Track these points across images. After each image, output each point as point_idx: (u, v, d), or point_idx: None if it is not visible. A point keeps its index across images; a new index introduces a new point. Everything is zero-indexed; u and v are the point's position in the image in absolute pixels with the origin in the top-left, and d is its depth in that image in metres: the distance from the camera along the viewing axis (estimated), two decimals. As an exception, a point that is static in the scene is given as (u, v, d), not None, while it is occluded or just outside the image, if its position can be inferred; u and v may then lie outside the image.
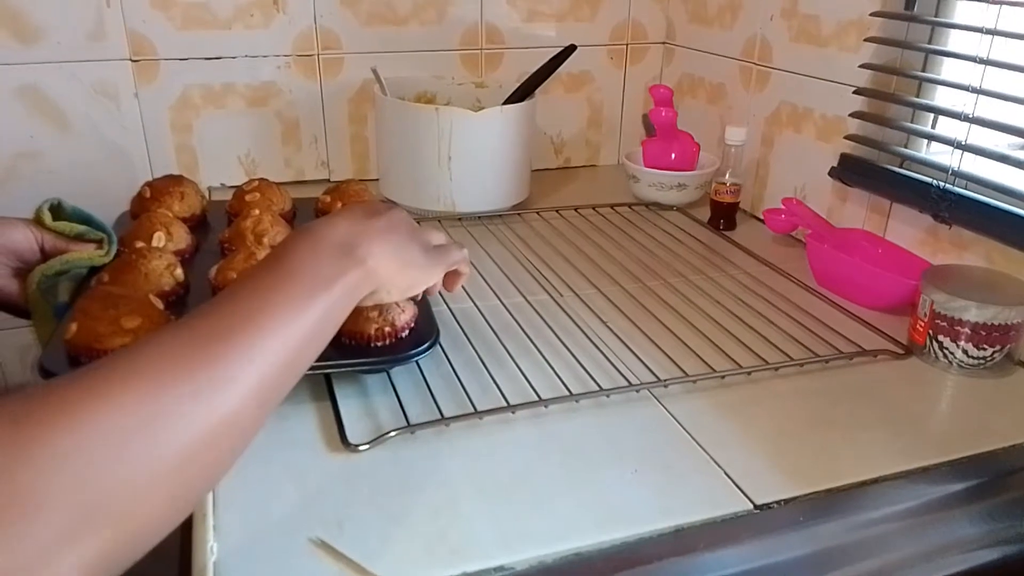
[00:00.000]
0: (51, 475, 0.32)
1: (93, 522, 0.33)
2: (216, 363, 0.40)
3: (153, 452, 0.36)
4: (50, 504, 0.32)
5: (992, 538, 0.61)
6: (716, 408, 0.71)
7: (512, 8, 1.29)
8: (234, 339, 0.41)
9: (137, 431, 0.36)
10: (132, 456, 0.35)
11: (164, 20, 1.12)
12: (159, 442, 0.36)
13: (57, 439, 0.33)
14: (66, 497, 0.32)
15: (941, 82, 0.91)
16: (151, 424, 0.36)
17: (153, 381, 0.37)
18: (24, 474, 0.31)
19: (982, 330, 0.76)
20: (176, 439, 0.37)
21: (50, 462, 0.32)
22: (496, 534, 0.56)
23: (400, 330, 0.72)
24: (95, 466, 0.34)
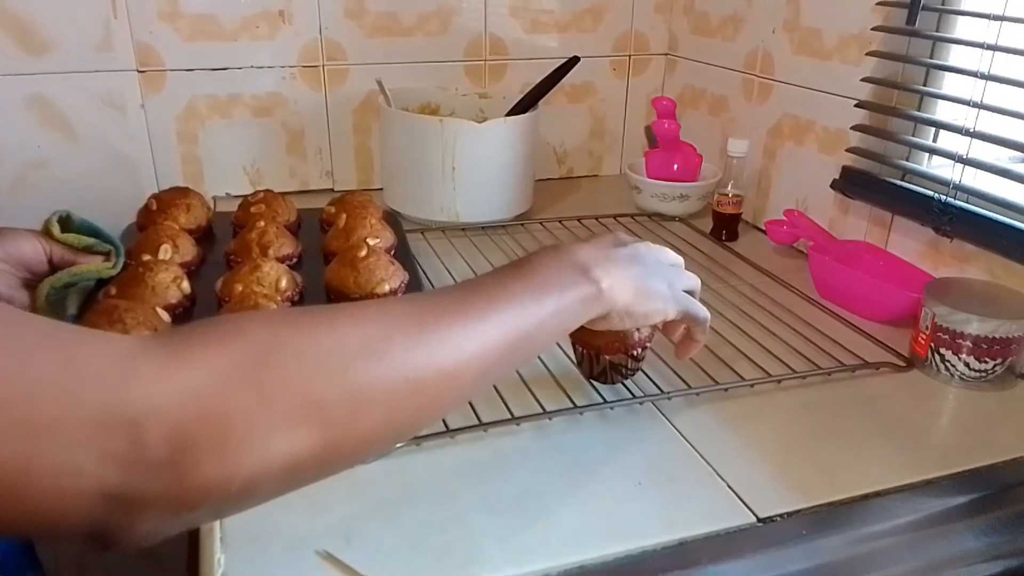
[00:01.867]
0: (289, 370, 0.37)
1: (311, 419, 0.38)
2: (445, 325, 0.44)
3: (374, 375, 0.40)
4: (281, 392, 0.37)
5: (994, 552, 0.62)
6: (719, 420, 0.72)
7: (516, 19, 1.30)
8: (467, 311, 0.46)
9: (366, 356, 0.40)
10: (356, 374, 0.40)
11: (171, 31, 1.13)
12: (381, 369, 0.41)
13: (301, 344, 0.39)
14: (295, 390, 0.37)
15: (942, 96, 0.92)
16: (379, 352, 0.41)
17: (392, 323, 0.43)
18: (270, 365, 0.37)
19: (984, 343, 0.76)
20: (395, 372, 0.41)
21: (291, 360, 0.37)
22: (501, 547, 0.57)
23: (632, 347, 0.72)
24: (325, 373, 0.38)
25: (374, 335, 0.42)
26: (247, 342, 0.37)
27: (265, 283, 0.77)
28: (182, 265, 0.85)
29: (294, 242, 0.92)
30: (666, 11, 1.38)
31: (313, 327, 0.40)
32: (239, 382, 0.36)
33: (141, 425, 0.33)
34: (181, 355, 0.35)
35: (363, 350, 0.41)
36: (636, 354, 0.73)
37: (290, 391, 0.37)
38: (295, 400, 0.37)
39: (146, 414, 0.33)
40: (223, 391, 0.35)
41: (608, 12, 1.35)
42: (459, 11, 1.26)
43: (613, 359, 0.73)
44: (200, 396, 0.34)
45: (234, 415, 0.35)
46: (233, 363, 0.36)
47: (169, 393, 0.33)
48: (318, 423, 0.38)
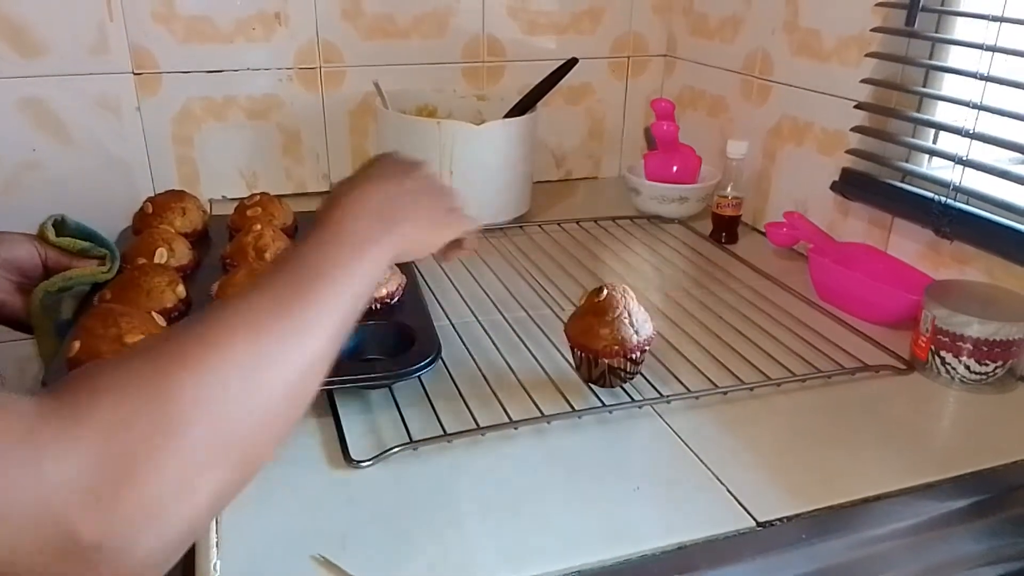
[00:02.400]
0: (192, 409, 0.37)
1: (226, 451, 0.38)
2: (302, 312, 0.45)
3: (266, 389, 0.41)
4: (193, 434, 0.36)
5: (994, 555, 0.61)
6: (718, 424, 0.71)
7: (514, 21, 1.29)
8: (312, 293, 0.46)
9: (253, 370, 0.40)
10: (253, 391, 0.40)
11: (166, 33, 1.13)
12: (270, 380, 0.41)
13: (196, 377, 0.38)
14: (205, 428, 0.37)
15: (942, 98, 0.91)
16: (263, 364, 0.41)
17: (257, 328, 0.42)
18: (171, 407, 0.36)
19: (984, 346, 0.76)
20: (281, 376, 0.42)
21: (191, 397, 0.37)
22: (499, 551, 0.56)
23: (631, 350, 0.71)
24: (227, 401, 0.38)
25: (254, 345, 0.42)
26: (128, 391, 0.36)
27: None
28: (178, 269, 0.85)
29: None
30: (665, 12, 1.38)
31: (189, 351, 0.39)
32: (137, 437, 0.35)
33: (60, 512, 0.32)
34: (71, 423, 0.34)
35: (251, 365, 0.41)
36: (635, 358, 0.73)
37: (203, 429, 0.37)
38: (210, 437, 0.37)
39: (59, 498, 0.32)
40: (122, 451, 0.34)
41: (607, 13, 1.34)
42: (456, 12, 1.26)
43: (612, 363, 0.72)
44: (100, 461, 0.33)
45: (140, 473, 0.34)
46: (122, 418, 0.35)
47: (72, 466, 0.32)
48: (233, 452, 0.39)
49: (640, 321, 0.73)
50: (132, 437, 0.34)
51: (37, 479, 0.32)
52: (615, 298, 0.73)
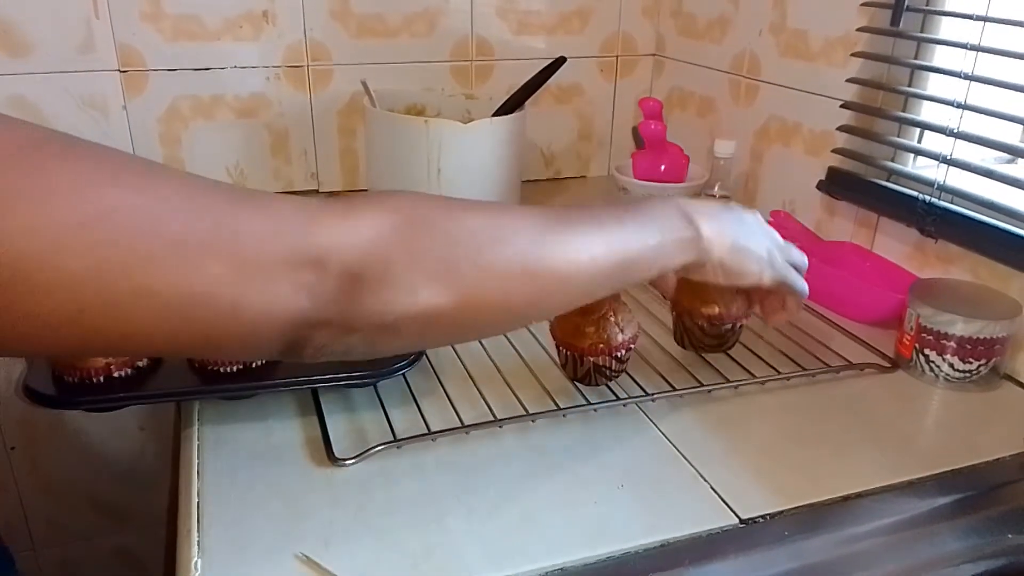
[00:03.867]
0: (432, 239, 0.45)
1: (446, 281, 0.45)
2: (564, 234, 0.51)
3: (498, 258, 0.47)
4: (425, 255, 0.44)
5: (977, 552, 0.61)
6: (703, 422, 0.72)
7: (502, 20, 1.30)
8: (584, 227, 0.52)
9: (494, 242, 0.48)
10: (484, 253, 0.47)
11: (153, 32, 1.12)
12: (505, 255, 0.48)
13: (445, 223, 0.46)
14: (436, 255, 0.45)
15: (927, 97, 0.92)
16: (506, 242, 0.48)
17: (520, 223, 0.50)
18: (418, 233, 0.44)
19: (968, 344, 0.76)
20: (515, 260, 0.48)
21: (435, 232, 0.45)
22: (482, 550, 0.56)
23: (616, 349, 0.71)
24: (460, 247, 0.46)
25: (504, 228, 0.49)
26: (402, 214, 0.45)
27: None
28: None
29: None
30: (653, 13, 1.38)
31: (457, 212, 0.48)
32: (395, 242, 0.43)
33: (324, 262, 0.41)
34: (351, 214, 0.43)
35: (493, 237, 0.48)
36: (620, 356, 0.73)
37: (432, 255, 0.44)
38: (436, 263, 0.44)
39: (327, 254, 0.41)
40: (383, 246, 0.42)
41: (595, 13, 1.34)
42: (445, 12, 1.26)
43: (597, 361, 0.72)
44: (366, 246, 0.42)
45: (390, 265, 0.43)
46: (391, 226, 0.43)
47: (344, 241, 0.41)
48: (450, 285, 0.45)
49: (625, 320, 0.73)
50: (389, 240, 0.43)
51: (308, 239, 0.41)
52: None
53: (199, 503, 0.60)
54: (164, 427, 1.29)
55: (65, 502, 1.33)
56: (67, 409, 0.66)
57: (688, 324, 0.80)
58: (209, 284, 0.38)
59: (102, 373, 0.65)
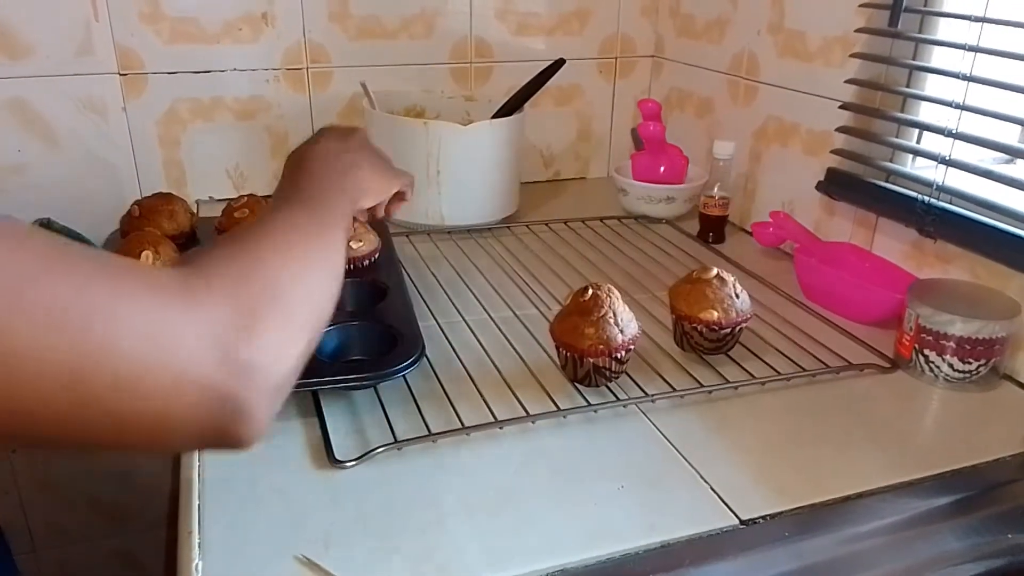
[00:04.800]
0: (284, 278, 0.47)
1: (308, 327, 0.48)
2: (322, 238, 0.55)
3: (317, 279, 0.51)
4: (292, 296, 0.47)
5: (977, 552, 0.61)
6: (703, 423, 0.72)
7: (501, 22, 1.30)
8: (326, 229, 0.56)
9: (307, 264, 0.51)
10: (314, 278, 0.51)
11: (152, 34, 1.13)
12: (319, 274, 0.52)
13: (279, 261, 0.49)
14: (299, 295, 0.48)
15: (925, 98, 0.92)
16: (312, 264, 0.52)
17: (302, 242, 0.53)
18: (270, 273, 0.47)
19: (967, 344, 0.76)
20: (323, 272, 0.52)
21: (280, 270, 0.48)
22: (482, 551, 0.56)
23: (615, 350, 0.72)
24: (304, 279, 0.49)
25: (295, 250, 0.51)
26: (230, 304, 0.44)
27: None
28: (163, 269, 0.84)
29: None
30: (652, 14, 1.38)
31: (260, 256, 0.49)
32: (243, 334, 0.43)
33: (223, 345, 0.41)
34: (211, 286, 0.43)
35: (306, 265, 0.51)
36: (620, 357, 0.73)
37: (300, 312, 0.47)
38: (281, 321, 0.45)
39: (221, 336, 0.41)
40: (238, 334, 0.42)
41: (594, 15, 1.34)
42: (444, 13, 1.26)
43: (597, 362, 0.72)
44: (222, 340, 0.41)
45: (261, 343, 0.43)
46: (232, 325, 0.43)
47: (224, 318, 0.42)
48: (303, 328, 0.48)
49: (625, 320, 0.73)
50: (252, 291, 0.44)
51: (194, 322, 0.40)
52: (600, 298, 0.74)
53: (200, 505, 0.60)
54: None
55: (65, 504, 1.33)
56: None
57: (687, 328, 0.80)
58: (103, 347, 0.37)
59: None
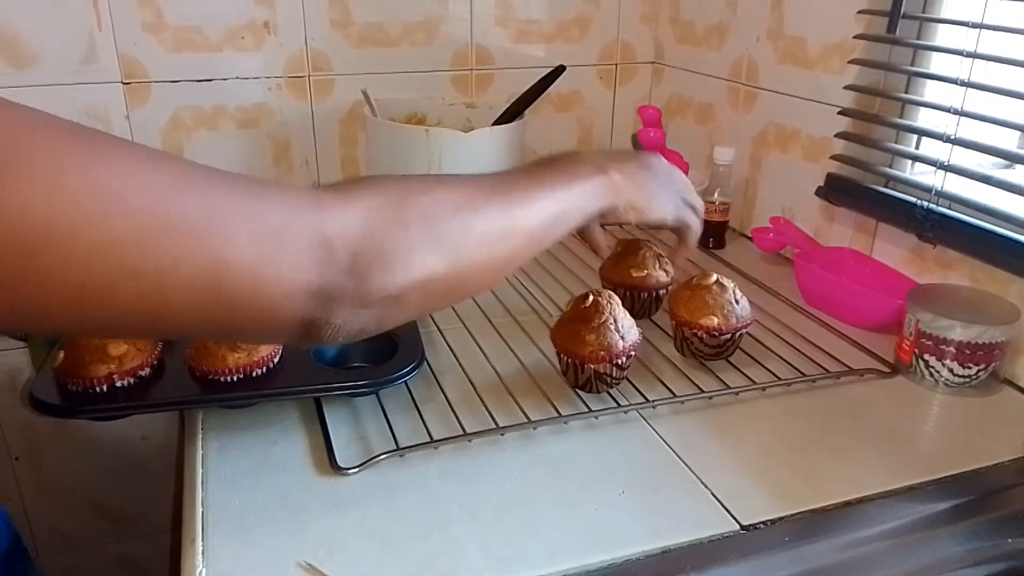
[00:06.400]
0: (417, 211, 0.49)
1: (435, 247, 0.49)
2: (522, 197, 0.57)
3: (472, 222, 0.52)
4: (414, 225, 0.48)
5: (978, 556, 0.62)
6: (704, 429, 0.72)
7: (502, 29, 1.30)
8: (521, 191, 0.57)
9: (463, 209, 0.52)
10: (461, 219, 0.52)
11: (155, 43, 1.13)
12: (476, 218, 0.53)
13: (422, 197, 0.50)
14: (422, 224, 0.49)
15: (924, 104, 0.92)
16: (473, 207, 0.53)
17: (478, 192, 0.55)
18: (405, 207, 0.49)
19: (967, 349, 0.76)
20: (487, 222, 0.53)
21: (418, 205, 0.50)
22: (484, 557, 0.56)
23: (616, 356, 0.72)
24: (441, 216, 0.50)
25: (475, 197, 0.54)
26: (384, 196, 0.49)
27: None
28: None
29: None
30: (652, 20, 1.39)
31: (431, 188, 0.52)
32: (385, 221, 0.47)
33: (331, 244, 0.44)
34: (348, 198, 0.47)
35: (469, 207, 0.53)
36: (621, 363, 0.73)
37: (419, 229, 0.48)
38: (424, 235, 0.49)
39: (333, 237, 0.44)
40: (376, 227, 0.46)
41: (594, 21, 1.35)
42: (445, 21, 1.26)
43: (598, 368, 0.73)
44: (361, 229, 0.45)
45: (386, 242, 0.47)
46: (378, 208, 0.47)
47: (344, 225, 0.45)
48: (442, 253, 0.49)
49: (626, 327, 0.74)
50: (382, 218, 0.47)
51: (319, 222, 0.44)
52: (601, 304, 0.74)
53: (203, 512, 0.60)
54: (167, 436, 1.30)
55: (69, 510, 1.34)
56: (71, 418, 0.66)
57: (688, 334, 0.80)
58: (226, 258, 0.40)
59: (105, 382, 0.65)
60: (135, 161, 0.39)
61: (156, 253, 0.38)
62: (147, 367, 0.68)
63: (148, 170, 0.39)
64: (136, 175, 0.38)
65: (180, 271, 0.38)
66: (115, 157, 0.38)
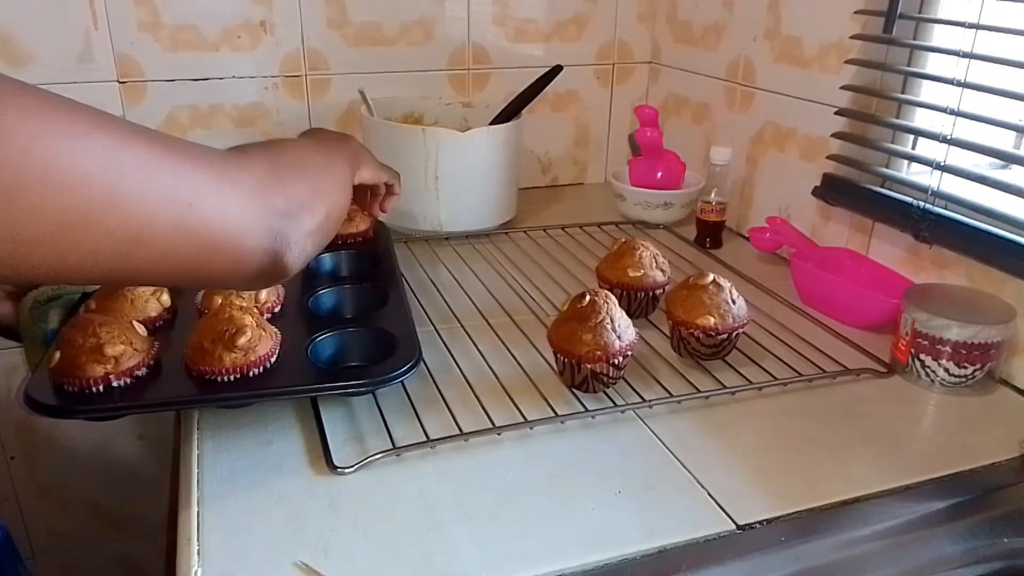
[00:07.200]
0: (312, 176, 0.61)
1: (319, 200, 0.59)
2: (333, 163, 0.69)
3: (330, 184, 0.64)
4: (317, 186, 0.60)
5: (974, 556, 0.62)
6: (700, 428, 0.72)
7: (499, 28, 1.30)
8: (334, 161, 0.70)
9: (325, 172, 0.65)
10: (329, 181, 0.64)
11: (152, 42, 1.13)
12: (331, 181, 0.65)
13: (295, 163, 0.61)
14: (320, 184, 0.61)
15: (920, 104, 0.92)
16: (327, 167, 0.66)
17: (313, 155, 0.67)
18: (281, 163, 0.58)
19: (963, 349, 0.77)
20: (332, 183, 0.65)
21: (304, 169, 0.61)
22: (481, 557, 0.56)
23: (613, 355, 0.72)
24: (318, 173, 0.63)
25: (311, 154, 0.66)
26: (263, 152, 0.58)
27: (244, 295, 0.77)
28: (163, 277, 0.85)
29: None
30: (649, 20, 1.39)
31: (279, 146, 0.63)
32: (278, 172, 0.56)
33: (264, 191, 0.53)
34: (246, 159, 0.54)
35: (317, 161, 0.65)
36: (617, 363, 0.73)
37: (293, 173, 0.58)
38: (300, 178, 0.58)
39: (260, 186, 0.53)
40: (277, 176, 0.55)
41: (591, 21, 1.35)
42: (442, 20, 1.26)
43: (594, 368, 0.73)
44: (271, 178, 0.54)
45: (288, 185, 0.56)
46: (269, 159, 0.56)
47: (257, 177, 0.53)
48: (321, 194, 0.60)
49: (623, 326, 0.74)
50: (281, 163, 0.57)
51: (239, 183, 0.51)
52: (598, 304, 0.74)
53: (199, 511, 0.60)
54: (163, 435, 1.29)
55: (65, 510, 1.33)
56: (67, 418, 0.66)
57: (684, 334, 0.80)
58: (187, 197, 0.46)
59: (102, 383, 0.65)
60: (91, 113, 0.43)
61: (123, 188, 0.42)
62: (143, 367, 0.67)
63: (103, 120, 0.43)
64: (94, 120, 0.42)
65: (146, 206, 0.43)
66: (73, 107, 0.42)
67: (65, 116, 0.40)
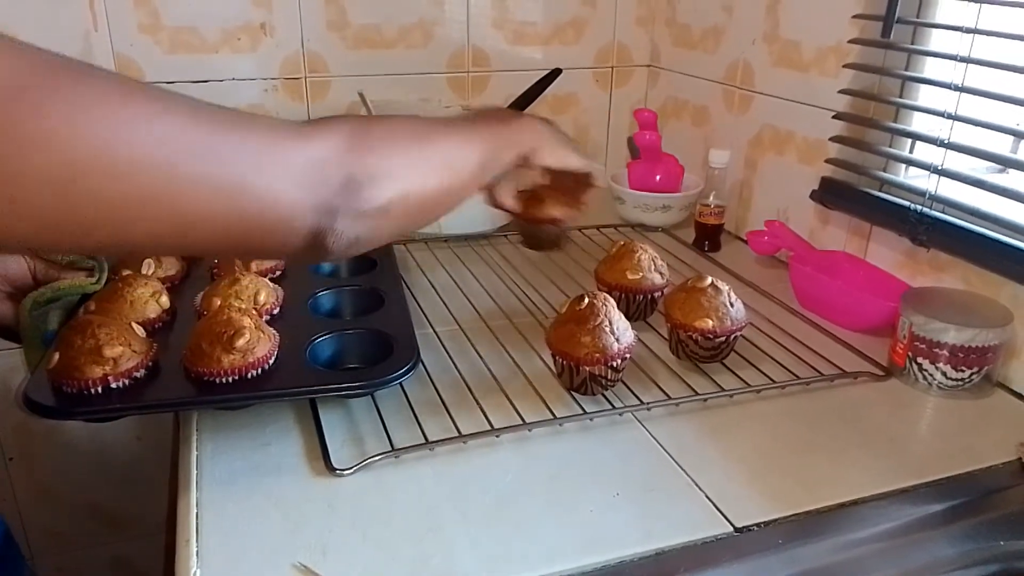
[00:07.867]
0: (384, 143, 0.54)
1: (407, 171, 0.55)
2: (451, 145, 0.61)
3: (430, 152, 0.58)
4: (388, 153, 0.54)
5: (971, 558, 0.62)
6: (698, 431, 0.72)
7: (499, 31, 1.30)
8: (464, 145, 0.62)
9: (426, 142, 0.58)
10: (425, 148, 0.58)
11: (151, 44, 1.13)
12: (430, 150, 0.58)
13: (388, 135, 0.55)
14: (390, 152, 0.54)
15: (918, 108, 0.93)
16: (431, 141, 0.59)
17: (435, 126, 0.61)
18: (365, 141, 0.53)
19: (960, 352, 0.77)
20: (439, 154, 0.59)
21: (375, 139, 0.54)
22: (479, 559, 0.57)
23: (611, 358, 0.72)
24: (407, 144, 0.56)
25: (429, 130, 0.60)
26: (352, 122, 0.54)
27: (243, 296, 0.77)
28: (165, 279, 0.85)
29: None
30: (648, 23, 1.39)
31: (385, 119, 0.59)
32: (358, 142, 0.52)
33: (324, 164, 0.50)
34: (322, 128, 0.51)
35: (424, 136, 0.58)
36: (616, 365, 0.73)
37: (385, 147, 0.54)
38: (390, 153, 0.54)
39: (322, 159, 0.49)
40: (354, 145, 0.52)
41: (591, 24, 1.35)
42: (442, 23, 1.27)
43: (593, 370, 0.73)
44: (344, 147, 0.51)
45: (367, 156, 0.52)
46: (353, 130, 0.53)
47: (328, 146, 0.50)
48: (408, 172, 0.55)
49: (621, 329, 0.74)
50: (356, 143, 0.52)
51: (307, 149, 0.49)
52: (596, 306, 0.74)
53: (197, 512, 0.60)
54: (162, 437, 1.29)
55: (63, 511, 1.33)
56: (66, 419, 0.66)
57: (682, 337, 0.80)
58: (239, 179, 0.46)
59: (100, 384, 0.65)
60: (148, 98, 0.43)
61: (177, 174, 0.43)
62: (142, 368, 0.67)
63: (162, 107, 0.43)
64: (154, 105, 0.43)
65: (200, 191, 0.44)
66: (128, 89, 0.42)
67: (120, 103, 0.41)
